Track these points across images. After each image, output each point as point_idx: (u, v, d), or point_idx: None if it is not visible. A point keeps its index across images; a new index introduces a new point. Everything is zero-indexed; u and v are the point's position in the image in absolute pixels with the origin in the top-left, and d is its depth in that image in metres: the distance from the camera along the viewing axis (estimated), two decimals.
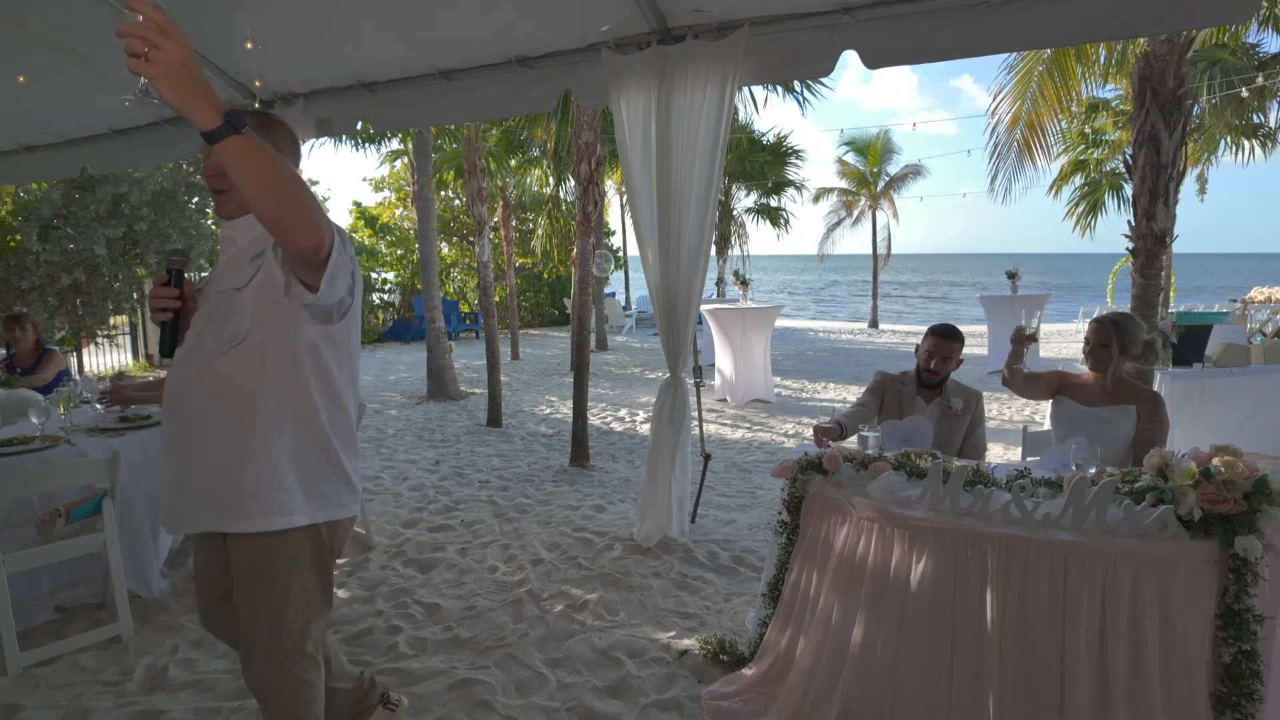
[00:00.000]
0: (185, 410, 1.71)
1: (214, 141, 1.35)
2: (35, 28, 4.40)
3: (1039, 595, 1.98)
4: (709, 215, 3.73)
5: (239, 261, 1.72)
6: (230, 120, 1.34)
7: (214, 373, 1.68)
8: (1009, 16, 3.01)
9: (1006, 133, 6.66)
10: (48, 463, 3.05)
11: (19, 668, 2.76)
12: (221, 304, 1.70)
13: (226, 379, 1.68)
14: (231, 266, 1.73)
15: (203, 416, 1.69)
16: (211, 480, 1.69)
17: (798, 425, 7.22)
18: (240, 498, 1.68)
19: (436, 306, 8.47)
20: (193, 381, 1.70)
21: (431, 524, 4.40)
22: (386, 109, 4.60)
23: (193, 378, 1.70)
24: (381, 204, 17.98)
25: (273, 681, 1.80)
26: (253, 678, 1.81)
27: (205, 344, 1.70)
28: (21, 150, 6.17)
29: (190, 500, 1.72)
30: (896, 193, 18.99)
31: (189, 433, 1.71)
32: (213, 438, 1.69)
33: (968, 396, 3.23)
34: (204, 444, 1.69)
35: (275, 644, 1.77)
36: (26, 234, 9.63)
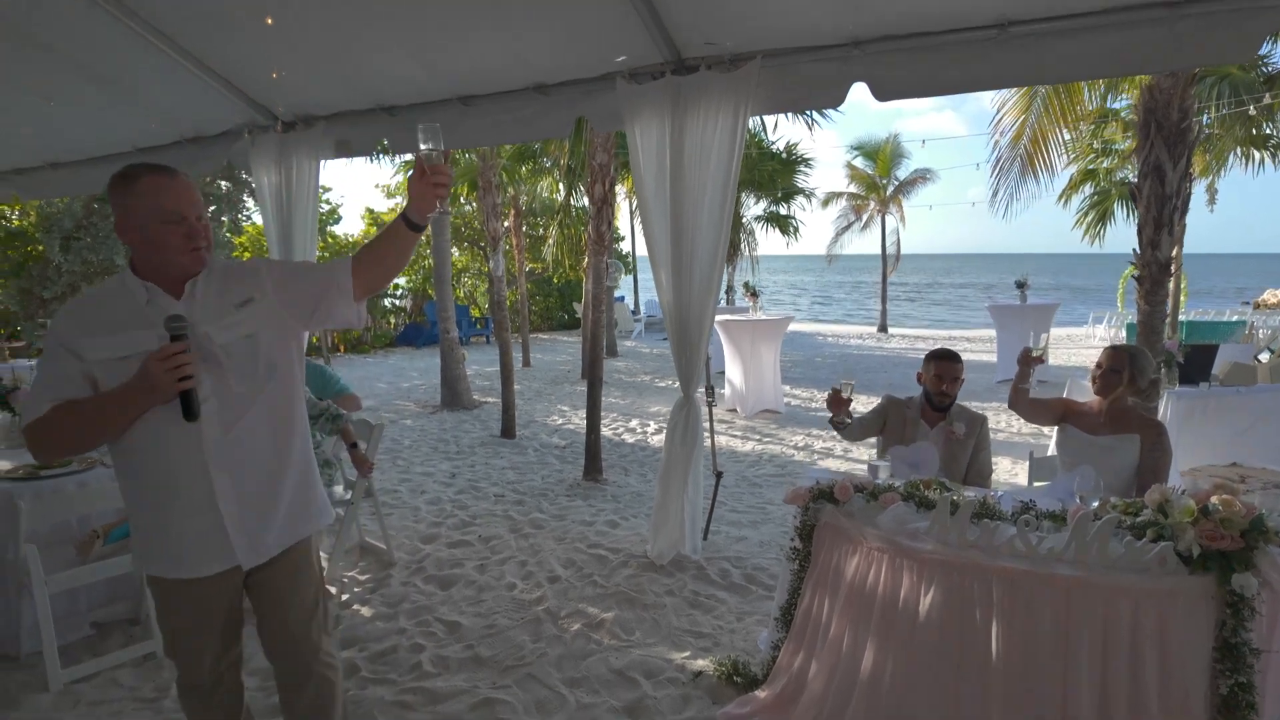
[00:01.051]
0: (242, 456, 1.83)
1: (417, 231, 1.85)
2: (62, 52, 4.54)
3: (1042, 627, 2.06)
4: (722, 239, 3.82)
5: (220, 313, 1.81)
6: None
7: (261, 408, 1.85)
8: (1015, 53, 3.09)
9: (1010, 147, 6.71)
10: (85, 486, 3.17)
11: (60, 684, 2.88)
12: (235, 352, 1.82)
13: (274, 408, 1.88)
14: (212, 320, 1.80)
15: (267, 450, 1.87)
16: (293, 496, 1.93)
17: (807, 437, 7.30)
18: (312, 501, 1.99)
19: (450, 317, 8.60)
20: (242, 426, 1.82)
21: (450, 539, 4.50)
22: (405, 132, 4.70)
23: (241, 423, 1.82)
24: (393, 210, 18.12)
25: (324, 673, 2.03)
26: (323, 662, 2.02)
27: (237, 390, 1.81)
28: (48, 167, 6.33)
29: (276, 526, 1.90)
30: (905, 197, 19.01)
31: (257, 471, 1.86)
32: (282, 462, 1.90)
33: (971, 420, 3.30)
34: (277, 471, 1.89)
35: (321, 636, 2.02)
36: (49, 245, 9.84)
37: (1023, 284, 10.74)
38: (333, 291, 1.91)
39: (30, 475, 3.17)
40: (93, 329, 1.74)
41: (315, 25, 3.97)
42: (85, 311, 1.79)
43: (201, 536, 1.82)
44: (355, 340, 15.15)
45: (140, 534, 1.89)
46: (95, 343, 1.72)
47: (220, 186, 11.44)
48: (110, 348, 1.73)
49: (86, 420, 1.71)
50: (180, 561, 1.84)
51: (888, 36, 3.28)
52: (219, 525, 1.81)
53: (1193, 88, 5.20)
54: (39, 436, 1.72)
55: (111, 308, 1.78)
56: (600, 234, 6.12)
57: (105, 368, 1.72)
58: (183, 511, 1.80)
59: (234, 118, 4.97)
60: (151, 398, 1.69)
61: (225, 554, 1.84)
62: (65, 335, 1.73)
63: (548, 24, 3.71)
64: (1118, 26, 2.86)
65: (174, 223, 1.74)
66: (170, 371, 1.66)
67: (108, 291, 1.83)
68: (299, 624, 1.99)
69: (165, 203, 1.73)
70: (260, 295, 1.87)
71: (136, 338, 1.73)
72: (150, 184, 1.74)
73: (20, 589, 2.99)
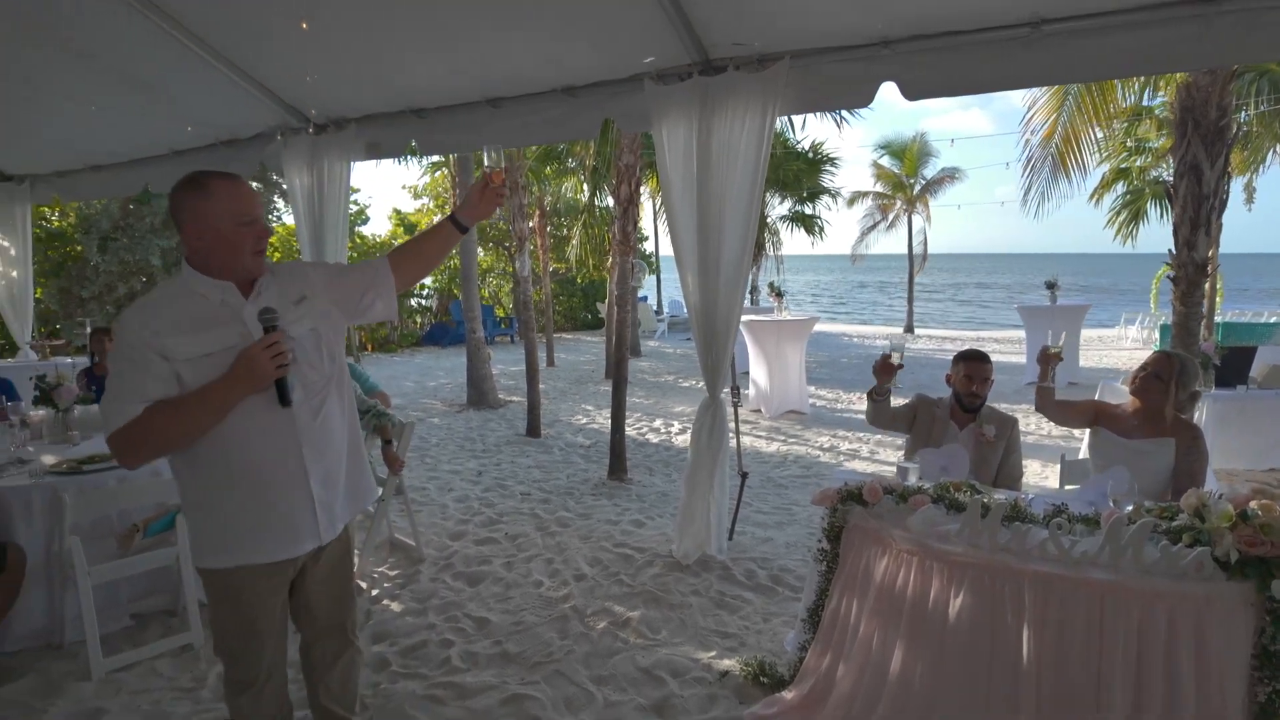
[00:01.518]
0: (326, 438, 1.96)
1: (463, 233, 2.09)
2: (104, 58, 4.66)
3: (1075, 632, 2.04)
4: (748, 240, 3.82)
5: (284, 309, 1.90)
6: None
7: (332, 394, 2.00)
8: (1049, 51, 3.05)
9: (1041, 146, 6.62)
10: (125, 481, 3.25)
11: (102, 673, 2.96)
12: (305, 344, 1.94)
13: (339, 393, 2.03)
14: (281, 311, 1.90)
15: (340, 431, 2.02)
16: (352, 474, 2.07)
17: (833, 438, 7.26)
18: (365, 478, 2.15)
19: (476, 317, 8.68)
20: (324, 411, 1.96)
21: (477, 536, 4.55)
22: (435, 134, 4.77)
23: (325, 409, 1.96)
24: (420, 211, 18.32)
25: (354, 655, 2.19)
26: (351, 645, 2.19)
27: (312, 378, 1.94)
28: (88, 170, 6.50)
29: (341, 502, 2.04)
30: (933, 197, 18.82)
31: (335, 452, 2.00)
32: (348, 442, 2.05)
33: (1002, 423, 3.26)
34: (344, 451, 2.04)
35: (355, 618, 2.19)
36: (87, 245, 10.08)
37: (1053, 284, 10.58)
38: (376, 287, 2.08)
39: (73, 470, 3.26)
40: (175, 329, 1.79)
41: (348, 30, 4.04)
42: (162, 313, 1.82)
43: (295, 517, 1.93)
44: (383, 339, 15.33)
45: (221, 524, 1.90)
46: (180, 342, 1.78)
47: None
48: (195, 346, 1.79)
49: (187, 415, 1.76)
50: (278, 544, 1.92)
51: (917, 36, 3.26)
52: (310, 505, 1.93)
53: (1231, 84, 5.10)
54: (132, 438, 1.74)
55: (185, 308, 1.83)
56: (625, 234, 6.15)
57: (191, 365, 1.78)
58: (278, 495, 1.90)
59: (267, 120, 5.07)
60: (251, 385, 1.79)
61: (312, 533, 1.96)
62: (150, 337, 1.76)
63: (576, 26, 3.73)
64: (1153, 24, 2.82)
65: (247, 225, 1.83)
66: (273, 359, 1.79)
67: (175, 293, 1.87)
68: (345, 600, 2.14)
69: (239, 206, 1.82)
70: (312, 293, 1.99)
71: (219, 335, 1.82)
72: (223, 188, 1.82)
73: (64, 580, 3.08)
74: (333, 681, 2.20)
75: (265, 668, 2.03)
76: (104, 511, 3.18)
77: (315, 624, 2.14)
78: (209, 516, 1.91)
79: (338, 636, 2.18)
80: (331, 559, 2.08)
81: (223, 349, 1.80)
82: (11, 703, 2.79)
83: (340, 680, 2.22)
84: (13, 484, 3.13)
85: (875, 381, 3.32)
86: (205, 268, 1.85)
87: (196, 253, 1.85)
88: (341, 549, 2.11)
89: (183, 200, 1.82)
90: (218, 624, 2.02)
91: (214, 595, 1.98)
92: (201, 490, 1.89)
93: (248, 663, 2.01)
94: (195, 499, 1.91)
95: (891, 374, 3.28)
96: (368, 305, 2.08)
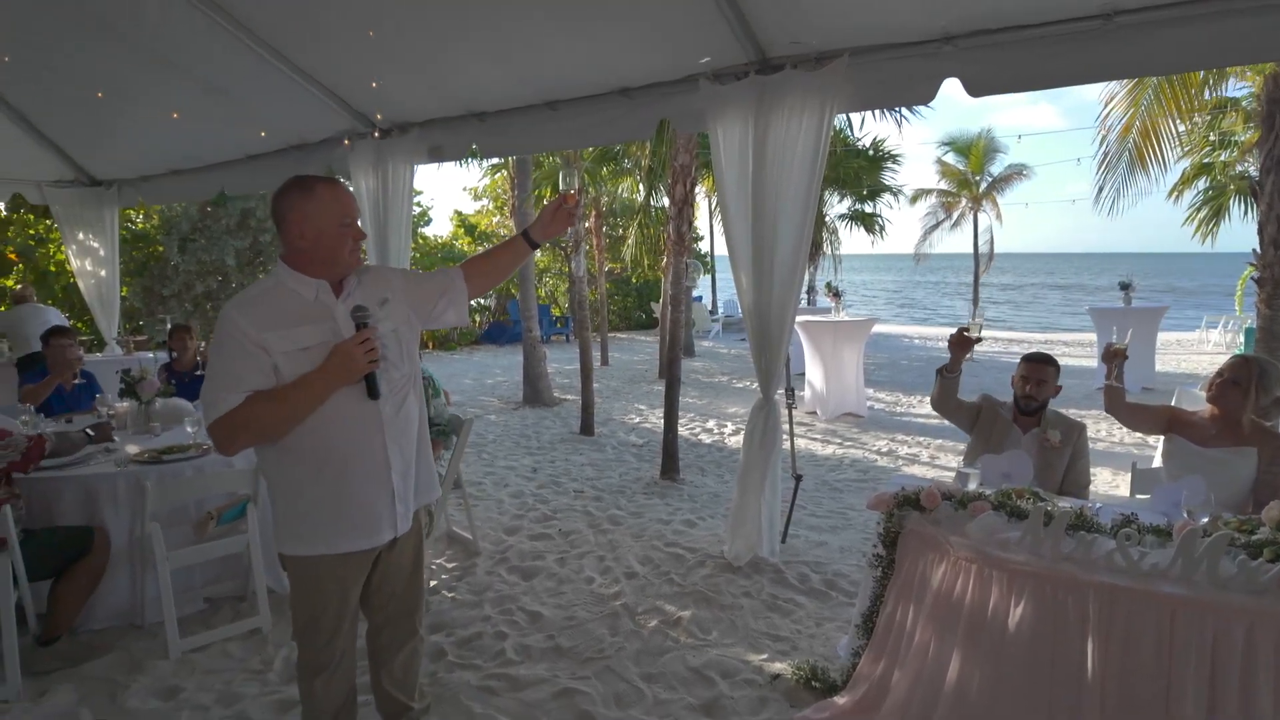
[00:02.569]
0: (406, 432, 2.07)
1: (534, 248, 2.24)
2: (186, 69, 4.91)
3: (1143, 648, 1.97)
4: (804, 240, 3.78)
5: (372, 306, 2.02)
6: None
7: (411, 390, 2.11)
8: (1121, 43, 2.93)
9: (1118, 142, 6.35)
10: (201, 471, 3.42)
11: (179, 653, 3.12)
12: (388, 342, 2.03)
13: (416, 390, 2.15)
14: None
15: (415, 432, 2.11)
16: (423, 468, 2.17)
17: (891, 442, 7.11)
18: (433, 472, 2.24)
19: (533, 316, 8.80)
20: (405, 406, 2.07)
21: (531, 532, 4.63)
22: (494, 137, 4.87)
23: (405, 405, 2.07)
24: (480, 212, 18.68)
25: (418, 644, 2.28)
26: (416, 633, 2.27)
27: (395, 374, 2.05)
28: (170, 174, 6.85)
29: (412, 495, 2.12)
30: (999, 194, 18.20)
31: (411, 446, 2.10)
32: (420, 437, 2.14)
33: (1068, 428, 3.15)
34: (418, 445, 2.14)
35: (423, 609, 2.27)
36: (168, 246, 10.61)
37: (1127, 285, 10.14)
38: (449, 294, 2.20)
39: (154, 459, 3.45)
40: (274, 324, 1.89)
41: (412, 36, 4.16)
42: (261, 308, 1.92)
43: (375, 508, 2.02)
44: (442, 338, 15.69)
45: (305, 513, 1.98)
46: (277, 336, 1.88)
47: None
48: (292, 340, 1.89)
49: (285, 404, 1.87)
50: (359, 534, 2.01)
51: (982, 31, 3.17)
52: (390, 497, 2.02)
53: None
54: (233, 426, 1.84)
55: (283, 304, 1.94)
56: (680, 234, 6.15)
57: (288, 358, 1.89)
58: (361, 485, 1.99)
59: (335, 125, 5.25)
60: (345, 378, 1.89)
61: (390, 524, 2.05)
62: (252, 331, 1.86)
63: (633, 28, 3.76)
64: (1236, 12, 2.68)
65: (347, 226, 1.95)
66: (366, 354, 1.89)
67: (272, 289, 1.97)
68: (414, 590, 2.22)
69: (340, 209, 1.94)
70: (394, 296, 2.10)
71: (314, 330, 1.93)
72: (327, 191, 1.94)
73: (145, 564, 3.26)
74: (396, 668, 2.28)
75: (338, 653, 2.12)
76: (181, 499, 3.35)
77: (385, 611, 2.22)
78: (294, 505, 1.99)
79: (405, 625, 2.25)
80: (406, 549, 2.17)
81: (317, 344, 1.91)
82: (98, 678, 2.97)
83: (403, 668, 2.30)
84: (100, 472, 3.33)
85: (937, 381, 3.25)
86: (303, 266, 1.96)
87: (297, 251, 1.95)
88: (415, 540, 2.20)
89: (289, 201, 1.92)
90: (297, 609, 2.11)
91: (295, 581, 2.07)
92: (289, 479, 1.99)
93: (322, 647, 2.10)
94: (283, 488, 2.01)
95: (968, 348, 3.20)
96: (441, 311, 2.21)
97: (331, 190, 1.94)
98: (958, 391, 3.30)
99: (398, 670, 2.29)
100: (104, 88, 5.28)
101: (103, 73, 5.13)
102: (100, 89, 5.29)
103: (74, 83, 5.29)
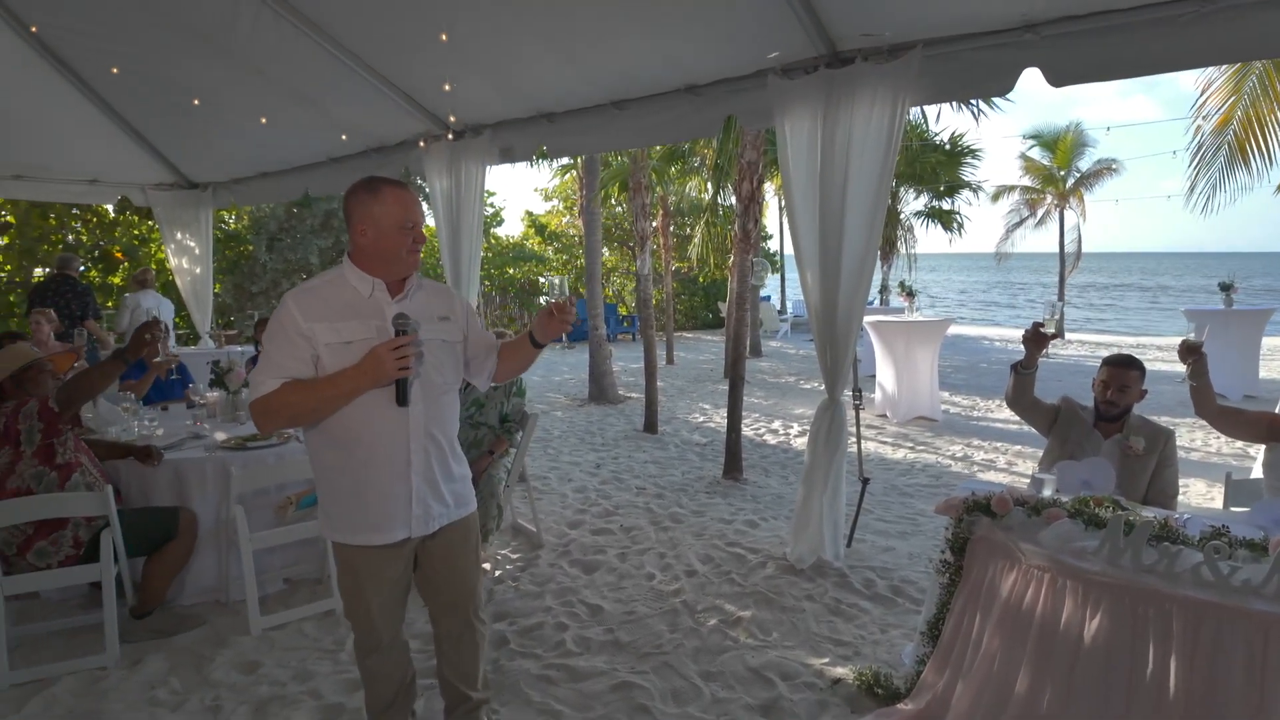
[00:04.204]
0: (434, 439, 2.10)
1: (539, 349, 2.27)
2: (275, 77, 5.16)
3: (1233, 669, 1.84)
4: (873, 237, 3.70)
5: (426, 318, 2.09)
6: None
7: (444, 406, 2.14)
8: (1221, 27, 2.76)
9: (1215, 134, 5.94)
10: (282, 458, 3.59)
11: (259, 630, 3.29)
12: (436, 351, 2.11)
13: (450, 411, 2.18)
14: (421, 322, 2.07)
15: (444, 440, 2.14)
16: (457, 481, 2.20)
17: (966, 447, 6.87)
18: (468, 489, 2.26)
19: (599, 314, 8.89)
20: (438, 415, 2.11)
21: (593, 526, 4.67)
22: (563, 137, 4.94)
23: (433, 412, 2.10)
24: (550, 212, 18.96)
25: (480, 628, 2.34)
26: (472, 626, 2.31)
27: (436, 381, 2.10)
28: (259, 176, 7.22)
29: (441, 504, 2.15)
30: (1088, 191, 17.32)
31: (439, 455, 2.13)
32: (454, 451, 2.19)
33: (1154, 435, 2.96)
34: (451, 457, 2.17)
35: (480, 596, 2.31)
36: (257, 245, 11.18)
37: (1229, 286, 9.48)
38: (483, 359, 2.30)
39: (239, 446, 3.64)
40: (323, 316, 1.97)
41: (483, 40, 4.26)
42: (315, 299, 2.00)
43: (393, 506, 2.06)
44: None
45: (336, 503, 2.08)
46: (325, 328, 1.96)
47: None
48: (337, 333, 1.97)
49: (315, 396, 1.94)
50: (374, 528, 2.07)
51: (1067, 17, 3.03)
52: (407, 497, 2.06)
53: None
54: (268, 408, 1.94)
55: (339, 297, 2.02)
56: (746, 232, 6.10)
57: (330, 351, 1.96)
58: (381, 483, 2.04)
59: (412, 128, 5.43)
60: (373, 380, 1.93)
61: (404, 525, 2.09)
62: (301, 321, 1.95)
63: (700, 25, 3.75)
64: None
65: (407, 229, 2.00)
66: (396, 360, 1.91)
67: (331, 281, 2.05)
68: (463, 582, 2.27)
69: (402, 212, 1.99)
70: (455, 317, 2.19)
71: (360, 327, 1.99)
72: (392, 195, 2.00)
73: (230, 544, 3.45)
74: (453, 656, 2.35)
75: (381, 635, 2.20)
76: (263, 484, 3.52)
77: (437, 600, 2.29)
78: (327, 490, 2.11)
79: (457, 615, 2.30)
80: (449, 542, 2.20)
81: (360, 340, 1.97)
82: (187, 650, 3.16)
83: (460, 656, 2.35)
84: (190, 456, 3.54)
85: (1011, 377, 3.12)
86: (363, 263, 2.04)
87: (360, 249, 2.04)
88: (458, 534, 2.22)
89: (356, 200, 2.02)
90: (340, 591, 2.27)
91: (337, 565, 2.20)
92: (322, 464, 2.09)
93: (367, 628, 2.19)
94: (320, 472, 2.12)
95: (1043, 345, 3.04)
96: (479, 366, 2.30)
97: (395, 193, 2.00)
98: (1033, 389, 3.16)
99: (454, 659, 2.35)
100: (200, 95, 5.61)
101: (199, 82, 5.44)
102: (197, 97, 5.62)
103: (173, 92, 5.64)
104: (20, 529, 3.00)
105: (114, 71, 5.39)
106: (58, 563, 3.03)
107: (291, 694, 2.83)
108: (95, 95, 5.99)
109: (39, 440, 3.04)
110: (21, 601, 3.47)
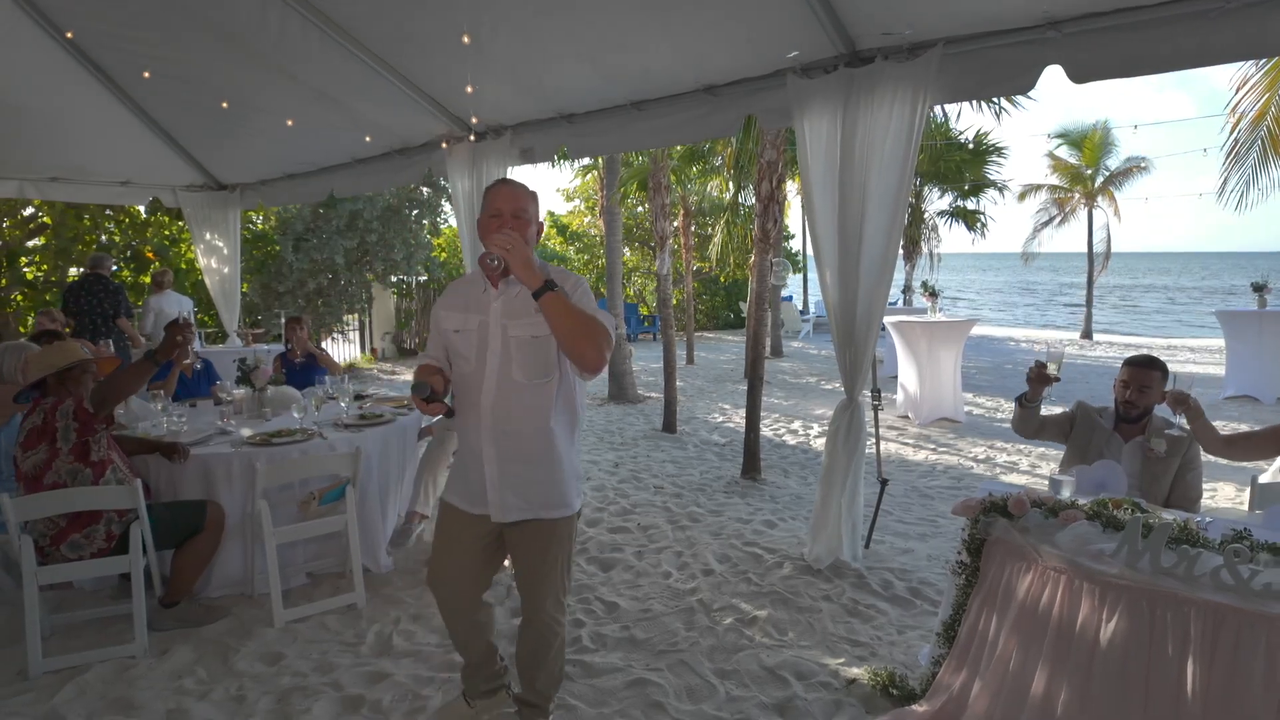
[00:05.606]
0: (507, 436, 2.21)
1: (538, 297, 2.03)
2: (302, 79, 5.24)
3: (1253, 674, 1.82)
4: (893, 236, 3.68)
5: (521, 311, 2.17)
6: (547, 283, 2.04)
7: (531, 401, 2.20)
8: (1252, 21, 2.71)
9: (1249, 130, 5.83)
10: (306, 453, 3.65)
11: (283, 622, 3.35)
12: (524, 347, 2.18)
13: (541, 404, 2.22)
14: (512, 315, 2.19)
15: (528, 437, 2.22)
16: (539, 483, 2.26)
17: (989, 449, 6.80)
18: (559, 495, 2.29)
19: (619, 314, 8.92)
20: (512, 413, 2.20)
21: (611, 524, 4.70)
22: (583, 138, 4.97)
23: (503, 409, 2.20)
24: (572, 213, 19.03)
25: (553, 625, 2.39)
26: (544, 619, 2.36)
27: (515, 378, 2.19)
28: (285, 177, 7.34)
29: (520, 497, 2.25)
30: (1117, 190, 17.02)
31: (517, 452, 2.23)
32: (537, 450, 2.23)
33: (1176, 438, 2.92)
34: (533, 458, 2.23)
35: (560, 595, 2.37)
36: (284, 245, 11.35)
37: (1262, 286, 9.26)
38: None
39: (265, 442, 3.71)
40: (452, 305, 2.28)
41: (505, 42, 4.30)
42: (454, 289, 2.34)
43: (475, 484, 2.28)
44: None
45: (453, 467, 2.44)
46: (448, 316, 2.28)
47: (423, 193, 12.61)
48: (454, 322, 2.26)
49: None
50: (463, 495, 2.33)
51: (1090, 14, 3.00)
52: (482, 482, 2.25)
53: None
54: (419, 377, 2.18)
55: (466, 290, 2.30)
56: (765, 231, 6.08)
57: (450, 338, 2.26)
58: (467, 462, 2.30)
59: (434, 129, 5.49)
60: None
61: (481, 503, 2.28)
62: (439, 310, 2.30)
63: (719, 25, 3.76)
64: None
65: (494, 217, 2.18)
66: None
67: (473, 275, 2.34)
68: (533, 580, 2.35)
69: (492, 201, 2.21)
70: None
71: (470, 317, 2.24)
72: (492, 189, 2.24)
73: (255, 538, 3.52)
74: (519, 645, 2.46)
75: (448, 595, 2.40)
76: (288, 480, 3.58)
77: (517, 582, 2.42)
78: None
79: (527, 604, 2.39)
80: (526, 538, 2.31)
81: (467, 330, 2.22)
82: (213, 640, 3.23)
83: (522, 647, 2.45)
84: (217, 452, 3.62)
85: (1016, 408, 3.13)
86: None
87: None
88: (536, 535, 2.29)
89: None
90: (434, 544, 2.45)
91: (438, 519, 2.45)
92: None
93: (439, 584, 2.40)
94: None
95: (1046, 385, 3.06)
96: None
97: (495, 187, 2.23)
98: (1037, 420, 3.18)
99: (520, 648, 2.45)
100: (229, 98, 5.72)
101: (228, 84, 5.55)
102: (225, 99, 5.73)
103: (203, 95, 5.76)
104: (54, 521, 3.09)
105: (146, 76, 5.51)
106: (90, 555, 3.12)
107: (313, 685, 2.89)
108: (129, 99, 6.14)
109: (74, 438, 3.12)
110: (57, 591, 3.57)
